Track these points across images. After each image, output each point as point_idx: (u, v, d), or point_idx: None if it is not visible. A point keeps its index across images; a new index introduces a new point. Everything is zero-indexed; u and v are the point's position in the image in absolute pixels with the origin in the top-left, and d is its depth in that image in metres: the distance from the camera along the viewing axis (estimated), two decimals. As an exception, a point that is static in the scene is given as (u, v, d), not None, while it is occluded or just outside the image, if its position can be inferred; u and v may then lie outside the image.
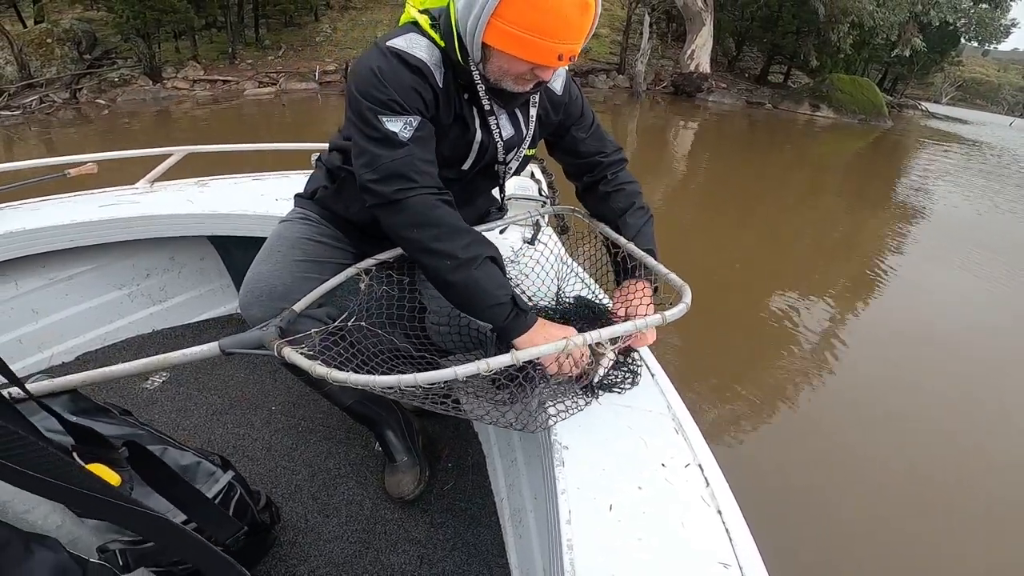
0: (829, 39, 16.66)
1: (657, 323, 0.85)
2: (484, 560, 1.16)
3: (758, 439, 2.62)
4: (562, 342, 0.78)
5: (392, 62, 0.88)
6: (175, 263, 1.84)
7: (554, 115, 1.07)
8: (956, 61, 25.55)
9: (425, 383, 0.73)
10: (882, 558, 2.02)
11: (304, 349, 0.82)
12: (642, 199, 1.13)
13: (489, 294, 0.87)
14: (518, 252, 1.29)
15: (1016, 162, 13.67)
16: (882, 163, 11.49)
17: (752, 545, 0.67)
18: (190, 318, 1.90)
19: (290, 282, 1.02)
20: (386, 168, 0.86)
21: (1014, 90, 41.09)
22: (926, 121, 20.61)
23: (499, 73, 0.88)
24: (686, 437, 0.83)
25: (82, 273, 1.65)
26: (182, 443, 1.00)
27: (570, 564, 0.63)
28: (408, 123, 0.87)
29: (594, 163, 1.12)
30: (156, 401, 1.51)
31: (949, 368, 3.44)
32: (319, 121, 10.05)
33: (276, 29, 14.57)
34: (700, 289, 0.96)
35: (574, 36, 0.82)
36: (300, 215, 1.14)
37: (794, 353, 3.42)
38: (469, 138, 0.99)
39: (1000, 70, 52.96)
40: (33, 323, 1.59)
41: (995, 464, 2.59)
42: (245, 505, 1.00)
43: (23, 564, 0.46)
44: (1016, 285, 4.92)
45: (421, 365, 1.02)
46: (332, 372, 0.74)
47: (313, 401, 1.53)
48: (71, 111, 9.64)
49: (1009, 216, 7.62)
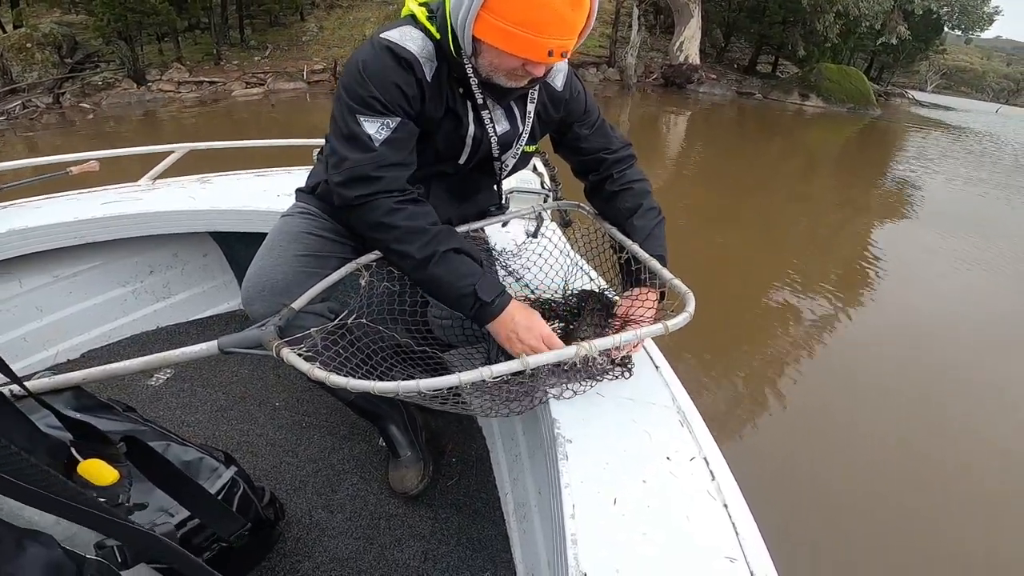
0: (815, 28, 16.75)
1: (658, 333, 0.83)
2: (488, 554, 1.15)
3: (753, 423, 2.62)
4: (571, 349, 0.78)
5: (380, 56, 0.88)
6: (178, 260, 1.83)
7: (554, 111, 1.05)
8: (940, 49, 25.82)
9: (428, 390, 0.73)
10: (880, 535, 2.04)
11: (303, 349, 0.81)
12: (651, 199, 1.09)
13: (452, 286, 0.89)
14: (521, 246, 1.29)
15: (1001, 147, 13.83)
16: (872, 151, 11.59)
17: (759, 539, 0.66)
18: (194, 315, 1.88)
19: (292, 276, 1.01)
20: (351, 171, 0.88)
21: (998, 77, 41.59)
22: (913, 109, 20.81)
23: (490, 68, 0.88)
24: (691, 430, 0.82)
25: (86, 270, 1.64)
26: (186, 439, 0.98)
27: (574, 558, 0.62)
28: (385, 124, 0.88)
29: (599, 160, 1.10)
30: (160, 398, 1.50)
31: (945, 350, 3.47)
32: (308, 120, 9.97)
33: (261, 29, 14.42)
34: (696, 282, 0.96)
35: (566, 32, 0.80)
36: (301, 210, 1.13)
37: (790, 339, 3.43)
38: (462, 132, 0.97)
39: (984, 58, 53.57)
40: (38, 321, 1.58)
41: (987, 438, 2.63)
42: (248, 501, 0.99)
43: (14, 560, 0.45)
44: (1011, 270, 4.97)
45: (424, 360, 1.02)
46: (331, 376, 0.73)
47: (317, 397, 1.52)
48: (55, 115, 9.48)
49: (1003, 203, 7.70)
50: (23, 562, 0.46)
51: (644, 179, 1.11)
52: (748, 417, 2.66)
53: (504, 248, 1.27)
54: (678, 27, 16.61)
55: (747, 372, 3.06)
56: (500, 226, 1.33)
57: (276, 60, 13.22)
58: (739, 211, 6.19)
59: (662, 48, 17.89)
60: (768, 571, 0.63)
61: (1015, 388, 3.07)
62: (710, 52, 19.14)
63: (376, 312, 1.01)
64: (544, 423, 0.87)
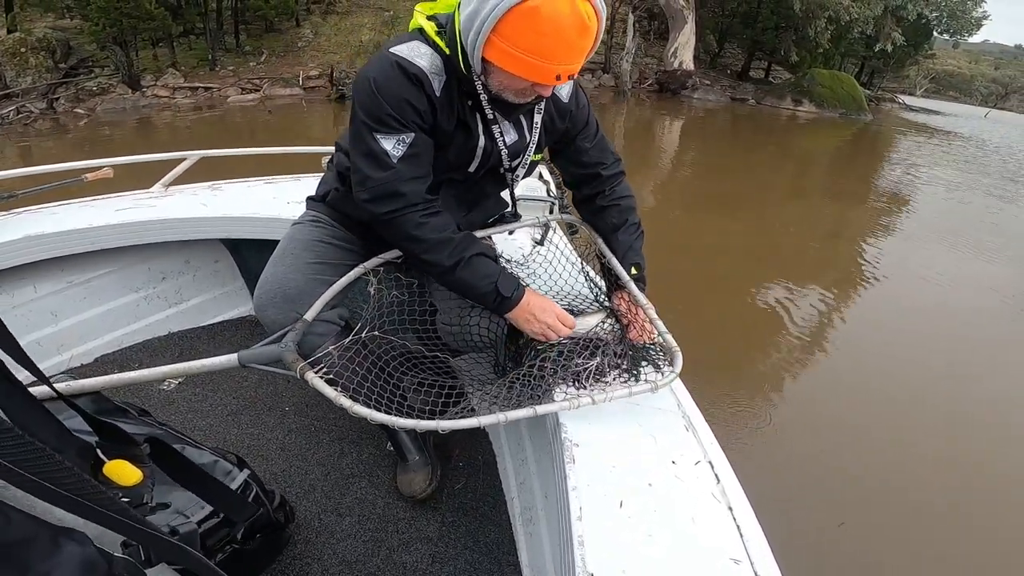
0: (808, 34, 16.92)
1: (646, 391, 0.86)
2: (495, 558, 1.17)
3: (742, 421, 2.63)
4: (581, 400, 0.82)
5: (390, 72, 0.89)
6: (190, 266, 1.85)
7: (560, 122, 1.07)
8: (930, 54, 26.08)
9: (445, 429, 0.76)
10: (887, 537, 2.04)
11: (324, 370, 0.84)
12: (635, 215, 1.16)
13: (476, 287, 0.98)
14: (528, 256, 1.32)
15: (988, 153, 14.00)
16: (864, 156, 11.69)
17: (763, 541, 0.67)
18: (205, 320, 1.90)
19: (303, 284, 1.03)
20: (375, 189, 0.93)
21: (986, 81, 42.04)
22: (904, 114, 21.03)
23: (500, 87, 0.91)
24: (696, 435, 0.83)
25: (99, 276, 1.66)
26: (199, 443, 1.00)
27: (581, 560, 0.63)
28: (401, 140, 0.91)
29: (594, 175, 1.14)
30: (173, 402, 1.51)
31: (941, 343, 3.53)
32: (305, 127, 9.96)
33: (256, 35, 14.40)
34: (691, 282, 0.98)
35: (573, 57, 0.83)
36: (312, 218, 1.16)
37: (787, 340, 3.46)
38: (472, 144, 1.00)
39: (972, 62, 54.11)
40: (52, 326, 1.60)
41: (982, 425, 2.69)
42: (260, 503, 1.01)
43: (50, 559, 0.46)
44: (999, 267, 5.03)
45: (435, 366, 1.05)
46: (355, 407, 0.77)
47: (326, 402, 1.51)
48: (49, 121, 9.42)
49: (995, 203, 7.78)
50: (60, 560, 0.46)
51: (631, 195, 1.17)
52: (751, 421, 2.67)
53: (511, 257, 1.29)
54: (672, 33, 16.73)
55: (740, 369, 3.08)
56: (507, 234, 1.36)
57: (271, 66, 13.20)
58: (735, 212, 6.23)
59: (656, 54, 18.01)
60: (772, 573, 0.63)
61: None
62: (704, 58, 19.27)
63: (387, 322, 1.04)
64: (551, 427, 0.88)
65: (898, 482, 2.35)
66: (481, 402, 0.93)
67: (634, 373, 0.94)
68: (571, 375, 0.92)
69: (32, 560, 0.44)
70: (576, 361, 0.94)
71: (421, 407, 0.90)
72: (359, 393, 0.87)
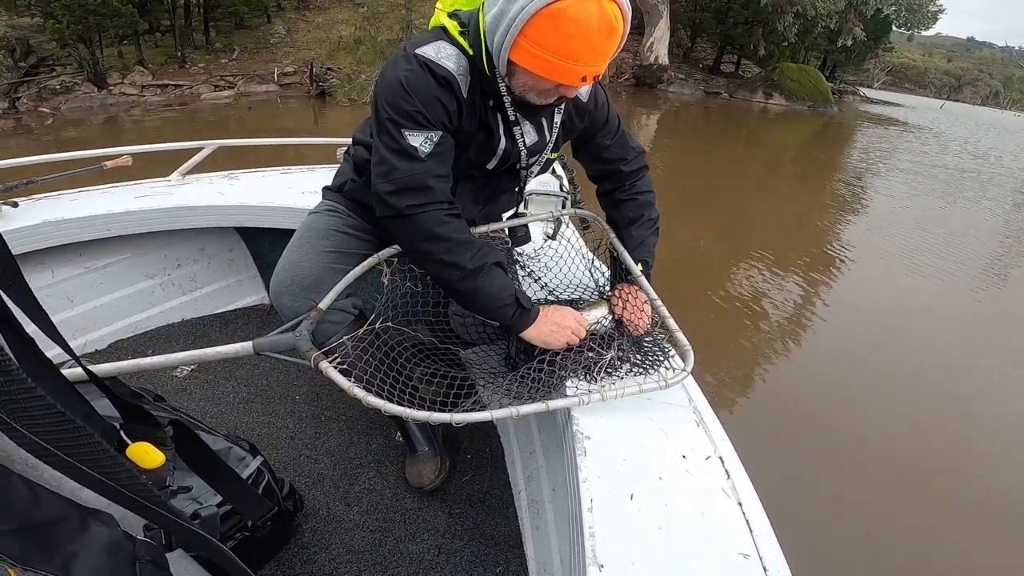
0: (776, 28, 17.40)
1: (657, 388, 0.87)
2: (501, 550, 1.17)
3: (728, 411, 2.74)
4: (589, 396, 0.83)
5: (420, 72, 0.87)
6: (205, 254, 1.84)
7: (579, 121, 1.08)
8: (889, 48, 27.05)
9: (459, 423, 0.76)
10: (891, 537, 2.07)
11: (337, 360, 0.84)
12: (653, 210, 1.16)
13: (495, 297, 0.91)
14: (539, 250, 1.32)
15: (945, 144, 14.62)
16: (830, 146, 12.09)
17: (772, 536, 0.67)
18: (218, 308, 1.91)
19: (319, 272, 1.03)
20: (402, 181, 0.88)
21: (940, 73, 43.67)
22: (865, 106, 21.75)
23: (524, 88, 0.89)
24: (707, 430, 0.84)
25: (116, 263, 1.65)
26: (212, 429, 1.00)
27: (591, 550, 0.63)
28: (429, 138, 0.89)
29: (615, 171, 1.15)
30: (185, 389, 1.52)
31: (923, 331, 3.71)
32: (281, 123, 9.74)
33: (226, 32, 13.98)
34: (683, 272, 0.97)
35: (599, 59, 0.82)
36: (328, 207, 1.16)
37: (765, 328, 3.52)
38: (494, 144, 1.00)
39: (925, 55, 56.12)
40: (68, 310, 1.59)
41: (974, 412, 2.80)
42: (271, 491, 1.02)
43: (78, 539, 0.46)
44: (959, 259, 5.33)
45: (446, 358, 1.06)
46: (368, 397, 0.76)
47: (336, 391, 1.53)
48: (11, 120, 8.99)
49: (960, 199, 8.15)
50: (88, 541, 0.46)
51: (650, 191, 1.17)
52: (760, 416, 2.72)
53: (523, 250, 1.29)
54: (648, 28, 16.95)
55: (717, 356, 3.15)
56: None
57: (244, 63, 12.85)
58: (711, 200, 6.40)
59: (632, 49, 18.22)
60: (781, 567, 0.64)
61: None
62: (676, 52, 19.58)
63: (400, 313, 1.03)
64: (561, 420, 0.89)
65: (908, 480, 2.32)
66: (493, 395, 0.92)
67: (645, 368, 0.95)
68: (582, 368, 0.93)
69: (60, 540, 0.44)
70: (587, 355, 0.94)
71: (432, 399, 0.90)
72: (371, 383, 0.85)
